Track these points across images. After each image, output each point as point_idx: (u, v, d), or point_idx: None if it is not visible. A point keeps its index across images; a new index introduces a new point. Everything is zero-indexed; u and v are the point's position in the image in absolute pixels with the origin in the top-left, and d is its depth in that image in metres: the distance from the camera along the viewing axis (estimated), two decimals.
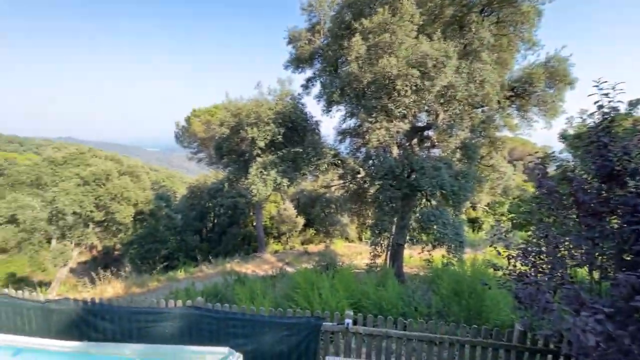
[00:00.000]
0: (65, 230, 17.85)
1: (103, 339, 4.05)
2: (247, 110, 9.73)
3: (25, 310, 4.16)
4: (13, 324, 4.16)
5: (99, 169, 16.12)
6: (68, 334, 4.12)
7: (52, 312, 4.12)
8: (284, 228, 29.33)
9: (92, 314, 4.07)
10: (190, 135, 20.54)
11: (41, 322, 4.14)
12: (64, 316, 4.09)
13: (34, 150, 76.72)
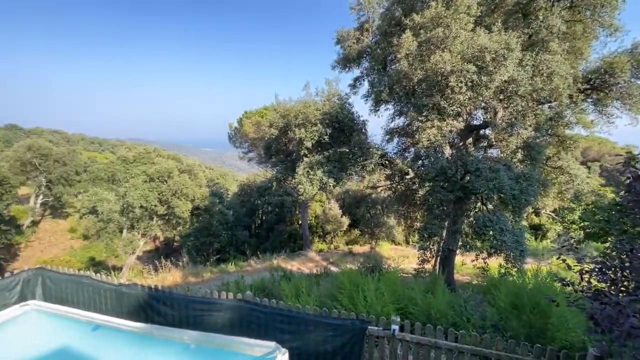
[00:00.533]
0: (134, 221, 19.91)
1: (164, 322, 4.41)
2: (294, 112, 9.95)
3: (102, 291, 4.71)
4: (92, 302, 4.75)
5: (162, 167, 17.70)
6: (136, 315, 4.58)
7: (124, 295, 4.61)
8: (328, 227, 29.53)
9: (156, 300, 4.47)
10: (241, 136, 21.61)
11: (114, 303, 4.66)
12: (132, 299, 4.56)
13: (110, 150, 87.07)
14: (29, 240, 36.95)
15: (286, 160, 11.18)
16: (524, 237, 8.10)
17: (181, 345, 3.97)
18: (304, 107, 9.76)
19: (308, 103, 10.00)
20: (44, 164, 37.40)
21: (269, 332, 4.18)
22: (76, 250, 37.72)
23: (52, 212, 41.39)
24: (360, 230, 30.52)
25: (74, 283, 4.88)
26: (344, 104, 10.12)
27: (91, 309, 4.73)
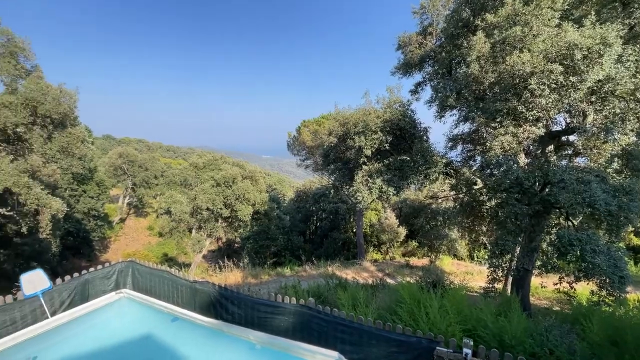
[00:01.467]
0: (201, 222, 21.68)
1: (231, 320, 4.66)
2: (354, 120, 9.93)
3: (179, 286, 5.16)
4: (171, 295, 5.22)
5: (227, 173, 19.03)
6: (207, 310, 4.92)
7: (197, 291, 4.98)
8: (384, 237, 28.76)
9: (225, 298, 4.74)
10: (299, 144, 22.29)
11: (189, 297, 5.06)
12: (205, 295, 4.91)
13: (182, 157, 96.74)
14: (117, 235, 42.42)
15: (344, 168, 11.19)
16: (624, 262, 6.89)
17: (247, 344, 4.13)
18: (363, 115, 9.69)
19: (368, 111, 9.91)
20: (131, 169, 42.89)
21: (329, 340, 4.14)
22: (153, 246, 42.17)
23: (135, 211, 47.11)
24: (418, 242, 29.16)
25: (157, 276, 5.43)
26: (405, 111, 9.80)
27: (170, 301, 5.21)
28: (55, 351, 4.19)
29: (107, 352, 4.31)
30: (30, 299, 4.66)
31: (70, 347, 4.34)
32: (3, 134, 12.69)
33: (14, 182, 11.85)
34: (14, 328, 4.41)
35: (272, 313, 4.45)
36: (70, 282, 5.14)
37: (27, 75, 13.24)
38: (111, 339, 4.58)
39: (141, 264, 5.84)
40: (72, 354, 4.20)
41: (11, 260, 21.91)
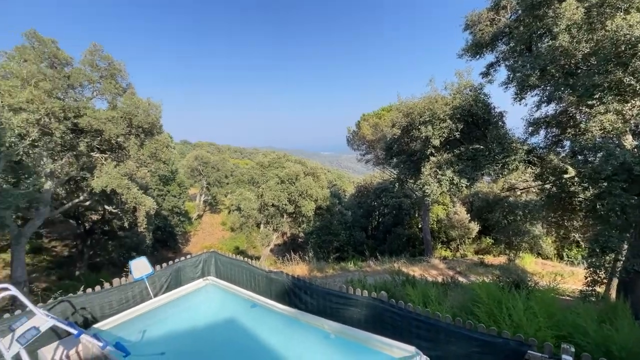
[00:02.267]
0: (269, 218, 22.93)
1: (304, 309, 4.83)
2: (419, 109, 9.41)
3: (256, 275, 5.53)
4: (249, 283, 5.63)
5: (291, 170, 19.78)
6: (281, 298, 5.18)
7: (272, 280, 5.28)
8: (453, 233, 27.01)
9: (298, 288, 4.94)
10: (359, 138, 22.10)
11: (265, 286, 5.39)
12: (279, 285, 5.18)
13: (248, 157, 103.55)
14: (196, 230, 47.21)
15: (408, 160, 10.73)
16: None
17: (322, 333, 4.25)
18: (429, 103, 9.13)
19: (434, 98, 9.31)
20: (205, 170, 47.30)
21: (403, 334, 4.03)
22: (226, 239, 45.91)
23: (210, 208, 51.88)
24: (494, 239, 26.72)
25: (236, 266, 5.91)
26: (478, 96, 8.94)
27: (247, 289, 5.61)
28: (157, 328, 4.83)
29: (197, 331, 4.81)
30: (138, 282, 5.45)
31: (168, 325, 4.95)
32: (108, 143, 15.04)
33: (117, 184, 13.97)
34: (127, 305, 5.21)
35: (344, 304, 4.49)
36: (167, 269, 5.88)
37: (124, 92, 15.43)
38: (199, 320, 5.10)
39: (222, 254, 6.41)
40: (170, 331, 4.78)
41: (117, 250, 25.93)
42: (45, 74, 11.76)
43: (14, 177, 10.92)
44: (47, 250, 30.65)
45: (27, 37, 12.90)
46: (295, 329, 4.46)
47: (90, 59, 14.60)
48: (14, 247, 12.90)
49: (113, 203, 17.87)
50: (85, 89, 14.49)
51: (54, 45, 13.50)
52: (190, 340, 4.64)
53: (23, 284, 12.67)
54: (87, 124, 13.36)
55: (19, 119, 9.45)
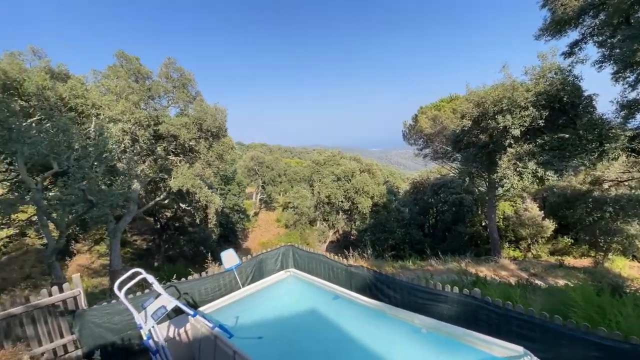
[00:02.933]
0: (325, 215, 23.24)
1: (388, 302, 4.80)
2: (493, 97, 8.69)
3: (335, 269, 5.66)
4: (327, 276, 5.77)
5: (347, 167, 19.82)
6: (362, 291, 5.21)
7: (352, 274, 5.35)
8: (523, 232, 24.72)
9: (380, 281, 4.94)
10: (416, 132, 21.31)
11: (344, 279, 5.48)
12: (360, 278, 5.23)
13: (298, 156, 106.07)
14: (253, 226, 49.76)
15: (480, 152, 10.01)
16: None
17: (411, 328, 4.18)
18: (505, 91, 8.34)
19: (511, 85, 8.51)
20: (260, 169, 49.57)
21: (501, 334, 3.79)
22: (281, 236, 47.60)
23: (265, 205, 54.28)
24: (574, 239, 23.89)
25: (314, 259, 6.10)
26: (566, 79, 7.94)
27: (326, 280, 5.76)
28: (247, 315, 5.18)
29: (283, 320, 5.06)
30: (228, 272, 5.91)
31: (257, 313, 5.28)
32: (182, 147, 16.56)
33: (192, 184, 15.33)
34: (220, 292, 5.68)
35: (432, 300, 4.38)
36: (251, 261, 6.30)
37: (194, 99, 16.85)
38: (285, 309, 5.35)
39: (299, 248, 6.67)
40: (259, 319, 5.10)
41: (187, 244, 28.41)
42: (132, 87, 13.34)
43: (109, 180, 12.58)
44: (130, 244, 34.70)
45: (116, 57, 14.74)
46: (382, 321, 4.45)
47: (165, 71, 16.16)
48: (112, 240, 14.88)
49: (186, 201, 19.64)
50: (162, 98, 16.12)
51: (137, 61, 15.22)
52: (277, 328, 4.90)
53: (119, 272, 14.55)
54: (165, 130, 14.83)
55: (116, 129, 10.86)
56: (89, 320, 4.59)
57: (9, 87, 9.83)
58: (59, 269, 12.15)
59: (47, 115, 9.40)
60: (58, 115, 9.52)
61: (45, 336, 4.40)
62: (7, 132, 8.62)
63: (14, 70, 9.70)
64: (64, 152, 9.20)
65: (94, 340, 4.59)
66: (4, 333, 4.07)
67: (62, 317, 4.55)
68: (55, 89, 10.36)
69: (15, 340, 4.11)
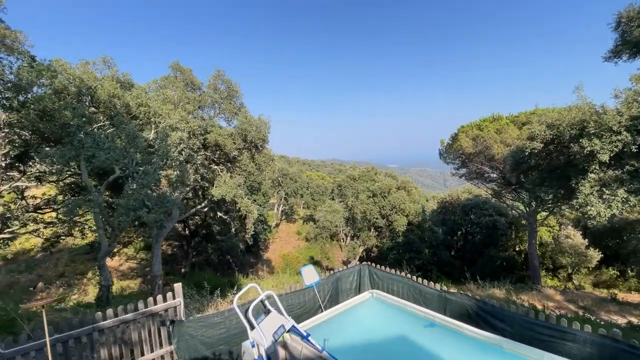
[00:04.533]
0: (356, 231, 22.88)
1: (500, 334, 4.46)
2: (569, 120, 8.35)
3: (424, 292, 5.39)
4: (416, 300, 5.50)
5: (383, 184, 19.55)
6: (459, 318, 4.91)
7: (447, 300, 5.08)
8: (563, 260, 23.49)
9: (485, 311, 4.64)
10: (454, 151, 20.89)
11: (436, 305, 5.20)
12: (457, 305, 4.94)
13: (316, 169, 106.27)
14: (274, 238, 49.67)
15: (549, 177, 9.56)
16: None
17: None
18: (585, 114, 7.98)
19: (603, 108, 8.14)
20: (284, 181, 49.88)
21: None
22: (302, 249, 47.27)
23: (286, 217, 54.29)
24: (619, 271, 22.49)
25: (396, 281, 5.86)
26: None
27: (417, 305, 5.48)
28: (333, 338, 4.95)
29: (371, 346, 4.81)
30: (309, 289, 5.75)
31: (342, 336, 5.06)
32: (226, 156, 16.83)
33: (235, 194, 15.45)
34: (303, 309, 5.51)
35: (555, 337, 4.04)
36: (329, 278, 6.12)
37: (239, 111, 17.21)
38: (371, 334, 5.11)
39: (376, 268, 6.45)
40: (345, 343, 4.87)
41: (215, 252, 28.52)
42: (188, 97, 13.76)
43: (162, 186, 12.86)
44: None
45: (172, 68, 15.33)
46: (499, 358, 4.14)
47: (214, 83, 16.64)
48: (154, 246, 15.09)
49: (222, 210, 19.81)
50: (210, 109, 16.54)
51: (190, 73, 15.77)
52: (369, 355, 4.66)
53: (159, 277, 14.68)
54: (212, 140, 15.13)
55: (175, 136, 11.15)
56: (186, 331, 4.51)
57: (83, 94, 10.29)
58: (108, 270, 12.34)
59: (118, 122, 9.75)
60: (127, 122, 9.86)
61: (147, 345, 4.35)
62: (85, 137, 8.97)
63: (89, 78, 10.16)
64: (133, 158, 9.47)
65: (189, 353, 4.49)
66: (115, 339, 4.04)
67: (163, 326, 4.49)
68: (124, 97, 10.78)
69: (122, 347, 4.07)
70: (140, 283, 26.05)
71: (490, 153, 18.50)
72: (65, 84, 10.18)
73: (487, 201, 29.70)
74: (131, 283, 24.06)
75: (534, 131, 8.86)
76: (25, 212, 14.46)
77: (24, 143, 11.53)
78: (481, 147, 18.97)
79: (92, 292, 22.14)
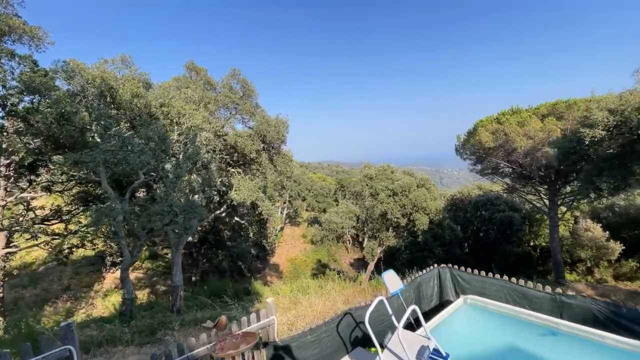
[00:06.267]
0: (374, 232, 22.32)
1: None
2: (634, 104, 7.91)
3: (529, 296, 4.82)
4: (519, 306, 4.92)
5: (403, 182, 19.02)
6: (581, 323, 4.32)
7: (564, 304, 4.51)
8: (582, 254, 23.18)
9: (618, 315, 4.08)
10: (472, 146, 20.50)
11: (548, 310, 4.62)
12: (579, 310, 4.38)
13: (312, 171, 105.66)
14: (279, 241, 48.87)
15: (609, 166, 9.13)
16: None
17: None
18: None
19: None
20: (288, 184, 49.17)
21: None
22: (308, 252, 46.52)
23: (290, 220, 53.57)
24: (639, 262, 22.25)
25: (490, 284, 5.28)
26: None
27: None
28: None
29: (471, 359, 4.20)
30: (394, 297, 5.13)
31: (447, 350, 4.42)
32: (244, 158, 16.15)
33: (256, 197, 14.78)
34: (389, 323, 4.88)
35: None
36: (411, 285, 5.52)
37: (255, 111, 16.57)
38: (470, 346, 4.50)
39: (458, 269, 5.88)
40: None
41: (225, 259, 27.68)
42: (209, 97, 13.10)
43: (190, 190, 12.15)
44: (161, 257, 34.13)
45: (187, 68, 14.64)
46: None
47: (229, 82, 15.98)
48: (174, 254, 14.32)
49: (238, 214, 19.12)
50: (227, 109, 15.88)
51: (205, 72, 15.10)
52: None
53: (180, 288, 13.90)
54: (232, 141, 14.46)
55: (202, 137, 10.48)
56: (279, 354, 3.88)
57: (105, 95, 9.58)
58: (131, 283, 11.57)
59: (141, 124, 9.06)
60: (150, 123, 9.18)
61: None
62: (111, 139, 8.27)
63: (110, 78, 9.46)
64: (163, 161, 8.79)
65: None
66: None
67: (256, 349, 3.85)
68: (146, 97, 10.09)
69: None
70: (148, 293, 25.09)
71: (512, 147, 18.12)
72: (83, 85, 9.46)
73: (499, 197, 29.42)
74: (139, 294, 23.12)
75: (594, 118, 8.40)
76: (33, 223, 13.62)
77: (36, 150, 10.76)
78: (501, 141, 18.59)
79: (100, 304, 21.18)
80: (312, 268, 39.35)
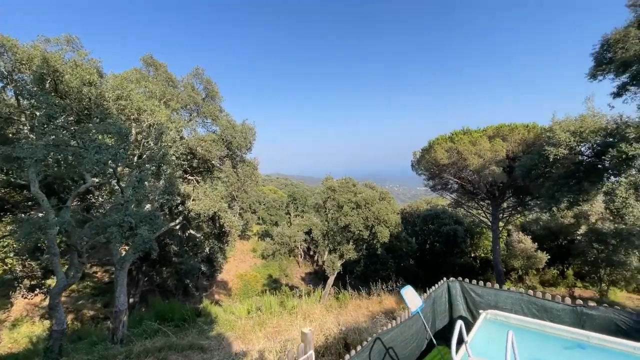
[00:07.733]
0: (335, 244, 22.03)
1: None
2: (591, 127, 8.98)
3: (548, 309, 4.80)
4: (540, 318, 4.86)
5: (367, 195, 19.21)
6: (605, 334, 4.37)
7: (586, 316, 4.55)
8: (515, 264, 25.78)
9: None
10: (427, 162, 21.71)
11: (569, 322, 4.63)
12: (602, 322, 4.43)
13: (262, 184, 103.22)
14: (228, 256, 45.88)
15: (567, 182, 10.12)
16: None
17: None
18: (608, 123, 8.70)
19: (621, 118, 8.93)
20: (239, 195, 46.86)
21: None
22: (259, 267, 44.40)
23: (240, 234, 50.90)
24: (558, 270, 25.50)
25: (506, 298, 5.19)
26: None
27: None
28: None
29: None
30: (415, 316, 4.74)
31: None
32: (205, 165, 14.73)
33: (219, 207, 13.44)
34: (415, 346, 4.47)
35: None
36: (427, 301, 5.19)
37: (220, 114, 15.35)
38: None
39: (466, 282, 5.72)
40: None
41: (171, 277, 24.90)
42: (172, 94, 11.67)
43: None
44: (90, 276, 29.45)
45: (144, 62, 12.99)
46: None
47: (191, 82, 14.65)
48: (118, 273, 12.14)
49: (193, 227, 17.27)
50: (187, 111, 14.42)
51: (165, 68, 13.59)
52: None
53: (124, 312, 11.77)
54: (194, 146, 13.11)
55: (168, 138, 9.15)
56: None
57: (44, 80, 7.85)
58: (62, 311, 9.43)
59: (102, 116, 7.54)
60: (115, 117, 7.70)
61: None
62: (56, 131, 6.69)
63: (54, 59, 7.80)
64: (123, 161, 7.34)
65: None
66: None
67: None
68: (100, 87, 8.53)
69: None
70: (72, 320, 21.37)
71: (464, 164, 19.58)
72: (14, 65, 7.68)
73: (445, 211, 31.56)
74: None
75: (558, 137, 9.39)
76: None
77: None
78: (455, 159, 19.97)
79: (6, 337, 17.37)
80: (262, 284, 37.40)
